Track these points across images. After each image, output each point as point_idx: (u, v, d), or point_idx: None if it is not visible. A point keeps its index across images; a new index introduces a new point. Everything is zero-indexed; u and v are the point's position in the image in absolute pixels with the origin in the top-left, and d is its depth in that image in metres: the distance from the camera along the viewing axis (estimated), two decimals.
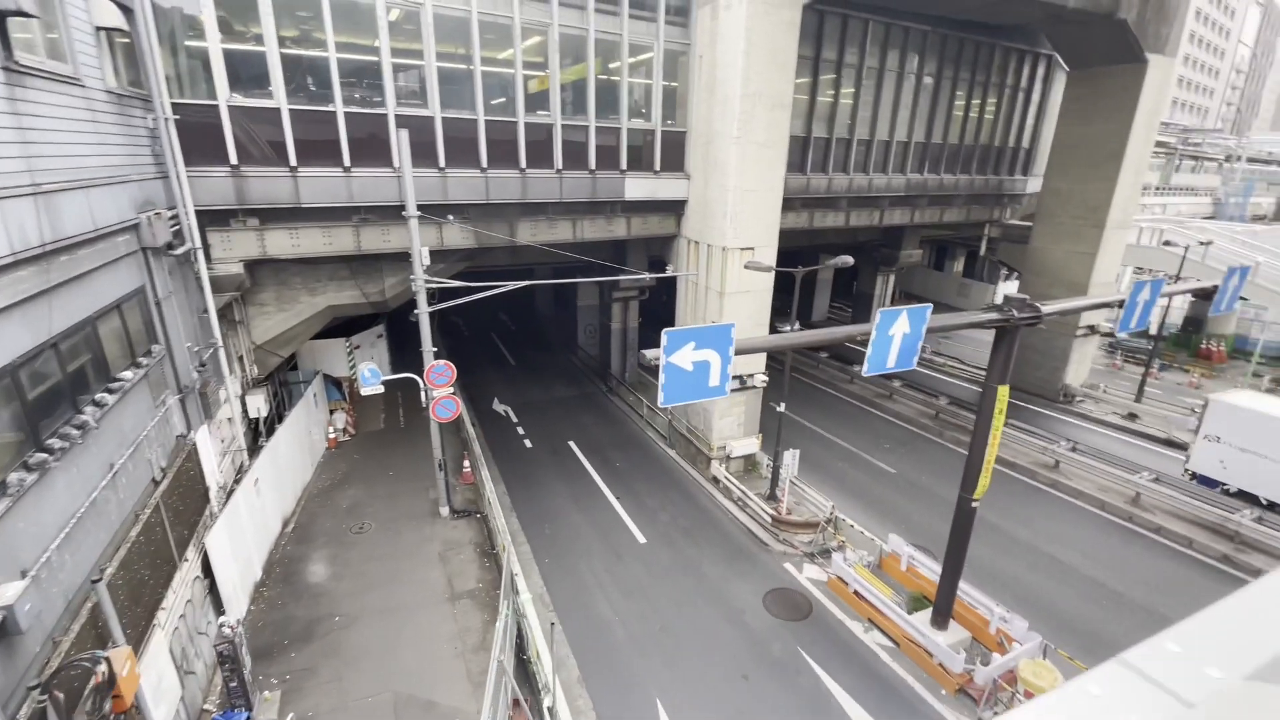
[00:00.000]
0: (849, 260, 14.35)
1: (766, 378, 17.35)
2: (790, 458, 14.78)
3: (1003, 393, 9.69)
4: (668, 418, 20.04)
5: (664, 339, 6.53)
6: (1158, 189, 56.62)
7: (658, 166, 16.43)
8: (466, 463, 16.36)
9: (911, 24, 19.77)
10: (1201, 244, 23.73)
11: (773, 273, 16.14)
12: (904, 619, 11.22)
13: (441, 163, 13.52)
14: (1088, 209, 21.62)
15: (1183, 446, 19.55)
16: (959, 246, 39.46)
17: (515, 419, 22.04)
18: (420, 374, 13.04)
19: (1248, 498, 15.44)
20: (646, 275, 15.12)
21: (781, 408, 15.43)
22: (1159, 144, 59.06)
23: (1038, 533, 15.18)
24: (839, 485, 17.53)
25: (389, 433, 19.46)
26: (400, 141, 11.50)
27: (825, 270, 36.24)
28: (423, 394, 13.10)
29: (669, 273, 17.45)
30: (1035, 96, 24.89)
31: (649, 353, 6.75)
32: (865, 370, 7.92)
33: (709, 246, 16.37)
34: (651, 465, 18.82)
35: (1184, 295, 29.25)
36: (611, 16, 14.84)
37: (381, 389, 12.62)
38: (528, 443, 20.24)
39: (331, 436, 18.01)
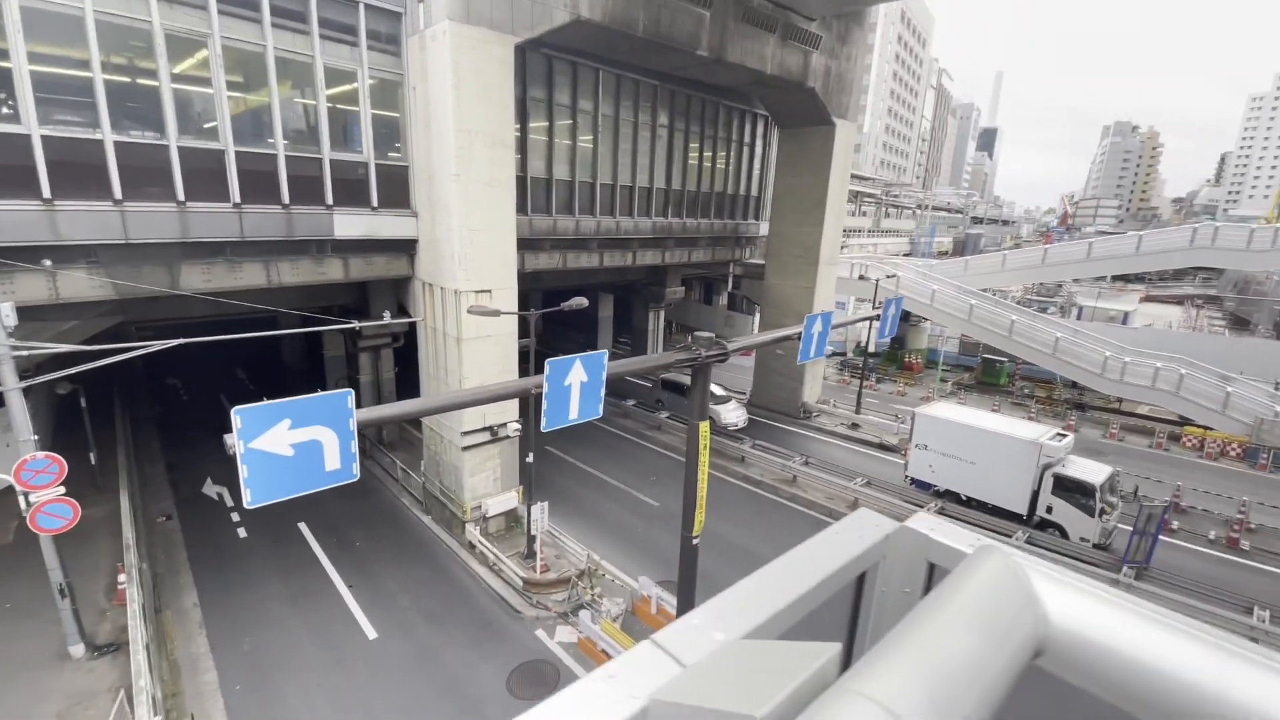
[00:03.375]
0: (583, 302, 14.06)
1: (520, 426, 16.37)
2: (539, 512, 13.84)
3: (704, 429, 9.77)
4: (421, 480, 18.00)
5: (236, 420, 5.05)
6: (870, 231, 68.71)
7: (375, 202, 14.79)
8: (122, 576, 12.62)
9: (640, 77, 20.94)
10: (889, 277, 28.70)
11: (515, 316, 15.35)
12: None
13: (46, 192, 10.41)
14: (804, 249, 24.68)
15: (893, 449, 22.78)
16: (721, 282, 43.37)
17: (231, 503, 18.13)
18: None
19: (952, 496, 17.68)
20: (355, 323, 13.31)
21: (530, 458, 14.49)
22: (868, 194, 72.22)
23: (779, 547, 15.72)
24: (604, 527, 17.06)
25: (20, 548, 14.50)
26: None
27: (605, 310, 37.16)
28: (20, 499, 9.63)
29: (385, 320, 15.71)
30: (759, 150, 28.15)
31: (228, 439, 5.20)
32: (544, 425, 7.22)
33: (442, 290, 15.07)
34: (402, 539, 16.59)
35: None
36: (299, 35, 13.07)
37: None
38: (243, 531, 16.66)
39: None
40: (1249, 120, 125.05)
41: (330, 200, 13.98)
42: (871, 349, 35.16)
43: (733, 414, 24.01)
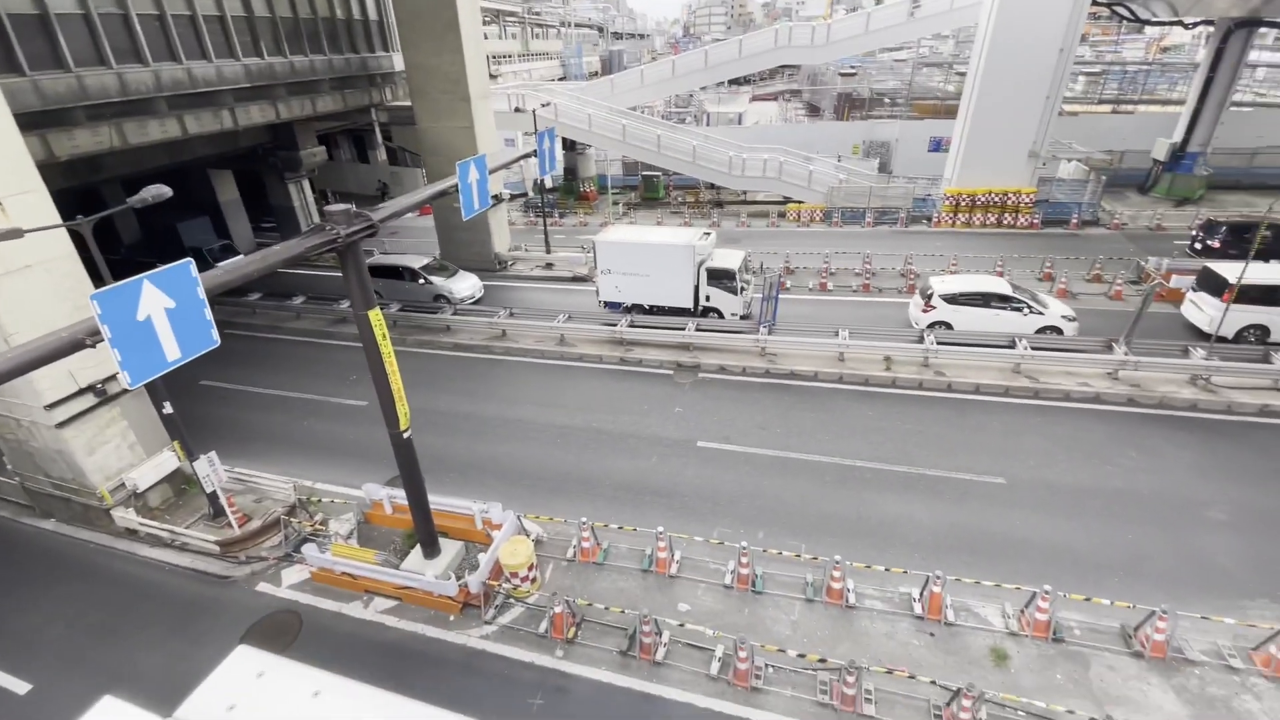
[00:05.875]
0: (164, 191, 10.50)
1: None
2: (208, 465, 11.38)
3: (375, 317, 8.67)
4: (17, 480, 13.16)
5: None
6: (521, 56, 65.39)
7: None
8: None
9: None
10: (544, 105, 28.07)
11: (63, 231, 10.87)
12: (390, 573, 10.39)
13: None
14: (450, 82, 22.18)
15: (585, 279, 24.12)
16: (371, 134, 37.44)
17: None
18: None
19: (640, 309, 19.56)
20: None
21: (166, 408, 11.47)
22: (509, 13, 67.31)
23: (501, 402, 16.42)
24: (309, 448, 15.13)
25: None
26: None
27: (226, 192, 29.47)
28: None
29: None
30: None
31: None
32: (131, 382, 5.38)
33: None
34: (18, 561, 12.36)
35: (560, 150, 35.21)
36: None
37: None
38: None
39: None
40: None
41: None
42: (549, 185, 35.28)
43: (465, 285, 22.15)
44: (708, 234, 19.08)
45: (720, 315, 18.95)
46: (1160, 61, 48.95)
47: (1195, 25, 30.13)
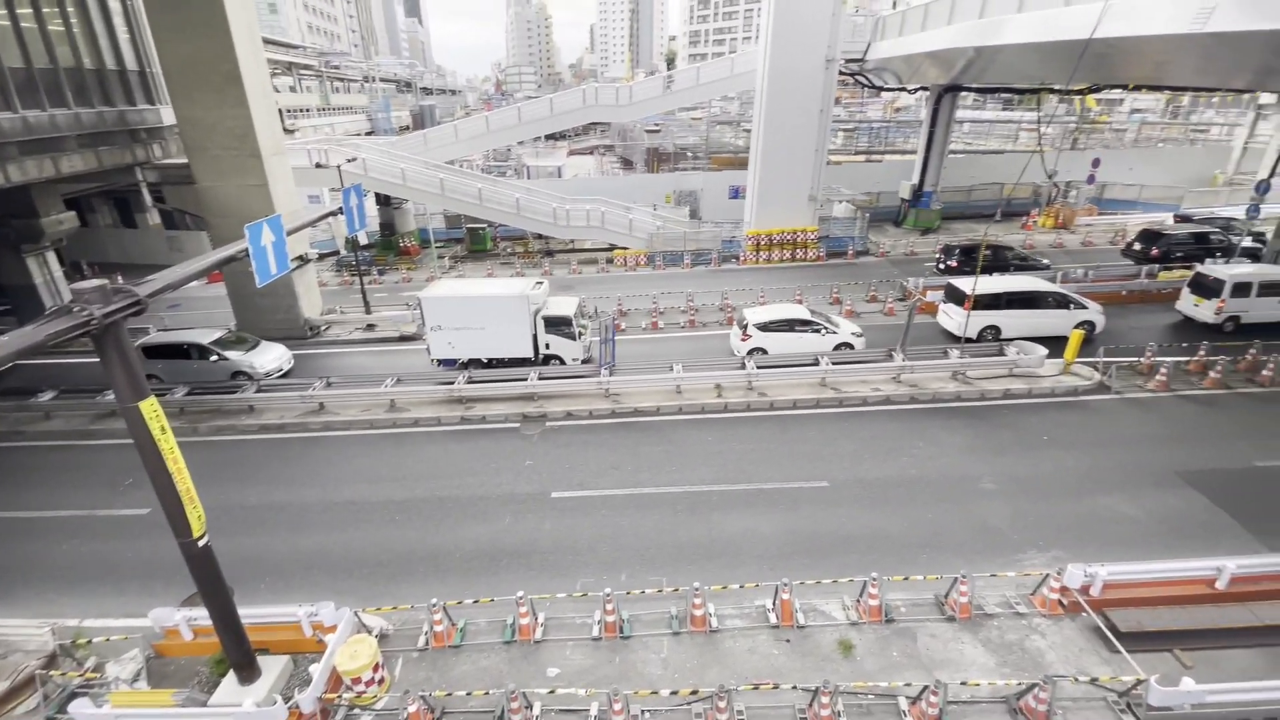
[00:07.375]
0: None
1: None
2: None
3: (150, 409, 7.36)
4: None
5: None
6: (321, 110, 61.73)
7: None
8: None
9: None
10: (350, 161, 26.63)
11: None
12: (197, 713, 8.62)
13: None
14: (236, 138, 20.15)
15: (413, 337, 22.85)
16: (138, 195, 32.50)
17: None
18: None
19: (476, 363, 18.99)
20: None
21: None
22: (305, 65, 63.41)
23: (325, 484, 14.71)
24: (71, 578, 12.19)
25: None
26: None
27: None
28: None
29: None
30: (114, 2, 20.41)
31: None
32: None
33: None
34: None
35: (371, 206, 33.42)
36: None
37: None
38: None
39: None
40: None
41: None
42: (364, 242, 33.19)
43: (270, 358, 19.44)
44: (540, 283, 19.21)
45: (562, 361, 19.02)
46: (896, 120, 60.06)
47: (916, 90, 37.53)
